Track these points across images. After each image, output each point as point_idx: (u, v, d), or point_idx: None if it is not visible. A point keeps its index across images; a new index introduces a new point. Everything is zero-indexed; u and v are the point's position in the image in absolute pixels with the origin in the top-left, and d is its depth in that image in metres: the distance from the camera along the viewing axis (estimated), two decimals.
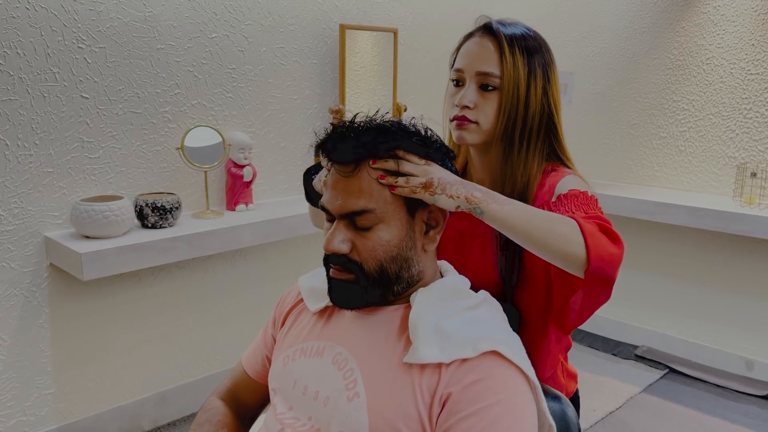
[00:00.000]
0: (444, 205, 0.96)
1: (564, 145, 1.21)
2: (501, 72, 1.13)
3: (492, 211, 0.96)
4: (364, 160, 0.95)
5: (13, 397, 2.06)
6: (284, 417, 1.01)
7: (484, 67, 1.13)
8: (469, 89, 1.14)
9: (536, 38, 1.17)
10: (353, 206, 0.94)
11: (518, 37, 1.14)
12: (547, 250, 0.97)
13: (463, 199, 0.96)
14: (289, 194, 2.68)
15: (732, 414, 2.54)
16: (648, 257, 3.06)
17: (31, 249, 2.03)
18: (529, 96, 1.13)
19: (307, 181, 1.21)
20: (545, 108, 1.16)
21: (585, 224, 0.98)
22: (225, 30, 2.36)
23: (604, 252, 0.96)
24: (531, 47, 1.15)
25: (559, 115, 1.19)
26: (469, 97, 1.14)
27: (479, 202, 0.96)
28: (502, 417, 0.87)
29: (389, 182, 0.94)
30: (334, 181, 0.97)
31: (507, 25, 1.17)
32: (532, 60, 1.14)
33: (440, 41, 3.14)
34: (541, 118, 1.16)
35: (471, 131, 1.16)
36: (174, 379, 2.45)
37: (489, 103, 1.14)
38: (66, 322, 2.14)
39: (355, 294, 0.97)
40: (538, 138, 1.17)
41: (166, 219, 2.12)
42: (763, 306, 2.75)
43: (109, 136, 2.14)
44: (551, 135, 1.19)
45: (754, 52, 2.67)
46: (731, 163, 2.78)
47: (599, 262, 0.95)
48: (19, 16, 1.90)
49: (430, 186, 0.94)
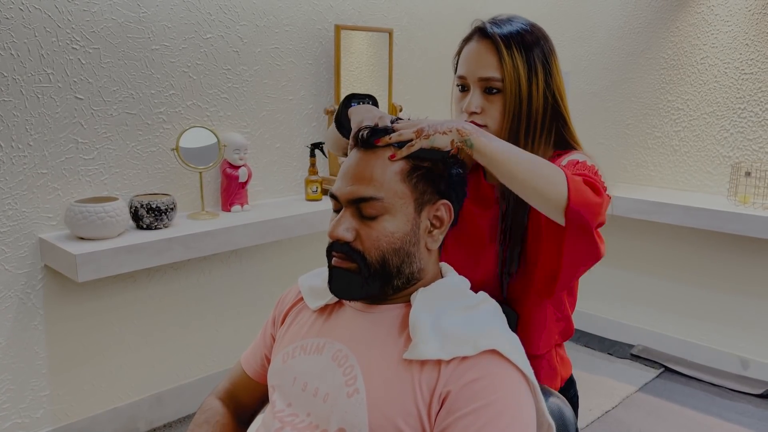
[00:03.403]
0: (440, 143, 0.98)
1: (572, 131, 1.24)
2: (502, 75, 1.15)
3: (481, 144, 0.97)
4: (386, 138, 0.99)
5: (8, 399, 2.05)
6: (283, 414, 1.01)
7: (485, 73, 1.16)
8: (474, 95, 1.18)
9: (532, 31, 1.19)
10: (362, 192, 0.96)
11: (514, 35, 1.16)
12: (529, 189, 0.98)
13: (455, 131, 0.97)
14: (284, 195, 2.67)
15: (727, 413, 2.55)
16: (643, 257, 3.07)
17: (25, 250, 2.02)
18: (531, 93, 1.16)
19: (344, 107, 1.22)
20: (549, 100, 1.19)
21: (570, 173, 1.01)
22: (220, 30, 2.36)
23: (584, 197, 0.98)
24: (528, 42, 1.16)
25: (564, 103, 1.21)
26: (475, 103, 1.17)
27: (469, 134, 0.98)
28: (500, 416, 0.87)
29: (383, 141, 0.97)
30: (346, 167, 1.00)
31: (502, 24, 1.18)
32: (531, 55, 1.16)
33: (436, 42, 3.15)
34: (545, 111, 1.19)
35: None
36: (170, 381, 2.44)
37: (494, 106, 1.17)
38: (61, 324, 2.13)
39: (355, 284, 0.98)
40: (543, 130, 1.19)
41: (161, 220, 2.12)
42: (758, 305, 2.76)
43: (104, 137, 2.13)
44: (558, 123, 1.22)
45: (748, 52, 2.68)
46: (726, 162, 2.79)
47: (578, 205, 0.97)
48: (12, 17, 1.90)
49: (422, 131, 0.97)
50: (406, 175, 0.97)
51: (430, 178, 0.99)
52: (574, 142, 1.24)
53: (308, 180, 2.60)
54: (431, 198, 1.00)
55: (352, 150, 1.02)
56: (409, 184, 0.98)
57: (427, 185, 0.99)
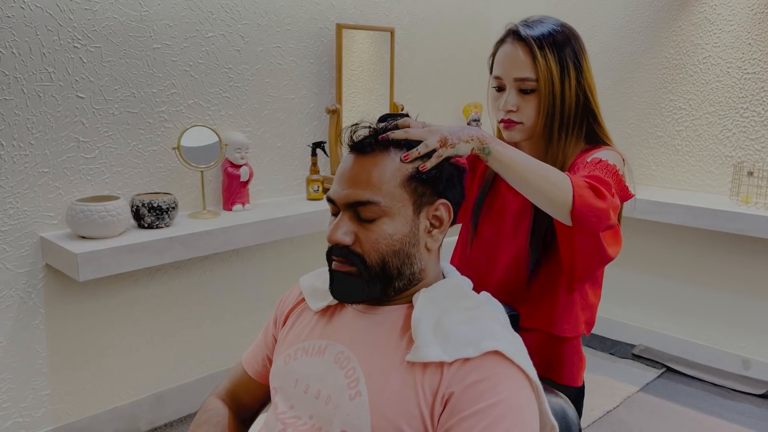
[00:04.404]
0: (463, 151, 1.01)
1: (603, 125, 1.31)
2: (536, 75, 1.23)
3: (497, 152, 1.04)
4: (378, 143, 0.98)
5: (9, 398, 2.05)
6: (285, 416, 1.00)
7: (520, 74, 1.24)
8: (510, 95, 1.26)
9: (563, 31, 1.26)
10: (359, 196, 0.96)
11: (546, 36, 1.24)
12: (538, 193, 1.06)
13: (476, 139, 1.03)
14: (285, 194, 2.67)
15: (729, 413, 2.54)
16: (645, 256, 3.07)
17: (26, 249, 2.02)
18: (564, 91, 1.24)
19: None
20: (580, 97, 1.27)
21: (575, 179, 1.09)
22: (221, 29, 2.36)
23: (586, 202, 1.06)
24: (560, 42, 1.24)
25: (595, 99, 1.29)
26: (511, 102, 1.26)
27: (488, 142, 1.04)
28: (503, 417, 0.86)
29: (412, 156, 0.97)
30: (342, 171, 1.00)
31: (534, 26, 1.25)
32: (563, 55, 1.24)
33: (437, 41, 3.14)
34: (577, 107, 1.27)
35: (518, 131, 1.28)
36: (171, 380, 2.44)
37: (529, 105, 1.25)
38: (62, 323, 2.13)
39: (356, 287, 0.98)
40: (575, 125, 1.28)
41: (162, 219, 2.11)
42: (760, 305, 2.76)
43: (105, 135, 2.13)
44: (589, 117, 1.29)
45: (750, 51, 2.68)
46: (728, 162, 2.78)
47: (582, 208, 1.05)
48: (14, 15, 1.89)
49: (446, 140, 0.99)
50: (405, 181, 0.97)
51: (429, 181, 0.99)
52: (605, 137, 1.31)
53: (309, 179, 2.60)
54: (430, 199, 1.00)
55: (347, 153, 1.02)
56: (408, 189, 0.97)
57: (425, 188, 0.99)
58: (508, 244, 1.34)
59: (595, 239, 1.10)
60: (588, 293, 1.35)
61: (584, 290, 1.33)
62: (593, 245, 1.11)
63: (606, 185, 1.12)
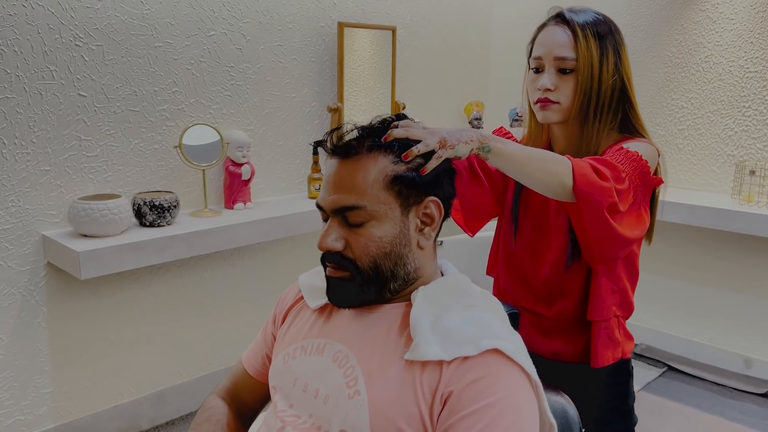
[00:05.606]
0: (463, 153, 1.02)
1: (638, 115, 1.32)
2: (576, 55, 1.25)
3: (497, 149, 1.06)
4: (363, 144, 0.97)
5: (11, 396, 2.05)
6: (285, 414, 1.00)
7: (561, 52, 1.26)
8: (549, 73, 1.28)
9: (605, 22, 1.29)
10: (345, 201, 0.95)
11: (590, 23, 1.27)
12: (541, 178, 1.10)
13: (476, 140, 1.04)
14: (287, 192, 2.67)
15: (731, 412, 2.54)
16: (647, 255, 3.06)
17: (28, 248, 2.02)
18: (602, 74, 1.26)
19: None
20: (617, 83, 1.28)
21: (577, 161, 1.12)
22: (223, 28, 2.36)
23: (587, 180, 1.10)
24: (602, 31, 1.27)
25: (632, 87, 1.31)
26: (550, 81, 1.27)
27: (488, 141, 1.06)
28: (502, 415, 0.86)
29: (413, 154, 0.96)
30: (327, 176, 0.99)
31: (578, 13, 1.29)
32: (604, 42, 1.26)
33: (439, 39, 3.14)
34: (614, 92, 1.28)
35: (554, 111, 1.29)
36: (172, 378, 2.44)
37: (567, 85, 1.27)
38: (64, 321, 2.13)
39: (351, 292, 0.98)
40: (610, 110, 1.29)
41: (164, 217, 2.12)
42: (762, 304, 2.75)
43: (107, 134, 2.13)
44: (625, 105, 1.31)
45: (752, 50, 2.67)
46: (730, 161, 2.78)
47: (583, 185, 1.09)
48: (16, 13, 1.90)
49: (446, 142, 1.00)
50: (389, 183, 0.96)
51: (413, 182, 0.97)
52: (641, 127, 1.32)
53: (311, 178, 2.60)
54: (417, 199, 0.98)
55: (330, 159, 1.01)
56: (393, 191, 0.96)
57: (411, 189, 0.98)
58: (552, 239, 1.36)
59: (601, 217, 1.12)
60: (620, 277, 1.36)
61: (614, 274, 1.35)
62: (601, 223, 1.13)
63: (613, 168, 1.14)
